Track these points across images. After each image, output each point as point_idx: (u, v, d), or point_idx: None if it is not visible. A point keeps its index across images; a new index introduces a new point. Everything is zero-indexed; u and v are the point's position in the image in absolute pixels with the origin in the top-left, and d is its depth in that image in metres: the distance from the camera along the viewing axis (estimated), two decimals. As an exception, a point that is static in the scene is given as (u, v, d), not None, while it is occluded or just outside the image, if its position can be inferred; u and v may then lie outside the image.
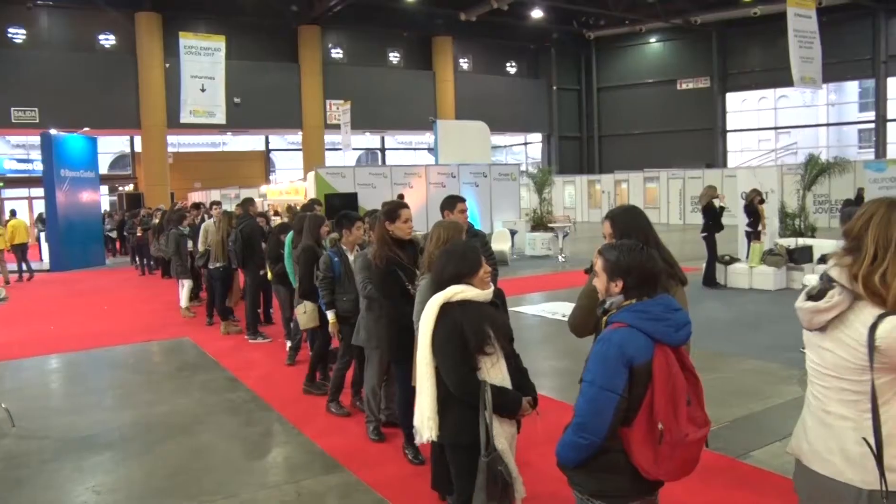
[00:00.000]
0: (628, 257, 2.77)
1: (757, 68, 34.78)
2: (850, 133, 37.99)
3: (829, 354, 2.38)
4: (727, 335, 9.39)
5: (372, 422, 5.82)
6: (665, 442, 2.57)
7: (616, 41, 39.74)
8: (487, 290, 3.36)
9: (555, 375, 7.60)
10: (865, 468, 2.29)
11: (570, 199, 36.14)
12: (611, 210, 3.60)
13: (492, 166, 20.78)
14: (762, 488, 4.79)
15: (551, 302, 12.12)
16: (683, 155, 34.78)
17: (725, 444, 5.47)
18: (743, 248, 13.70)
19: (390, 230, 5.16)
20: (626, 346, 2.59)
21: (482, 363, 3.19)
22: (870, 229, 2.32)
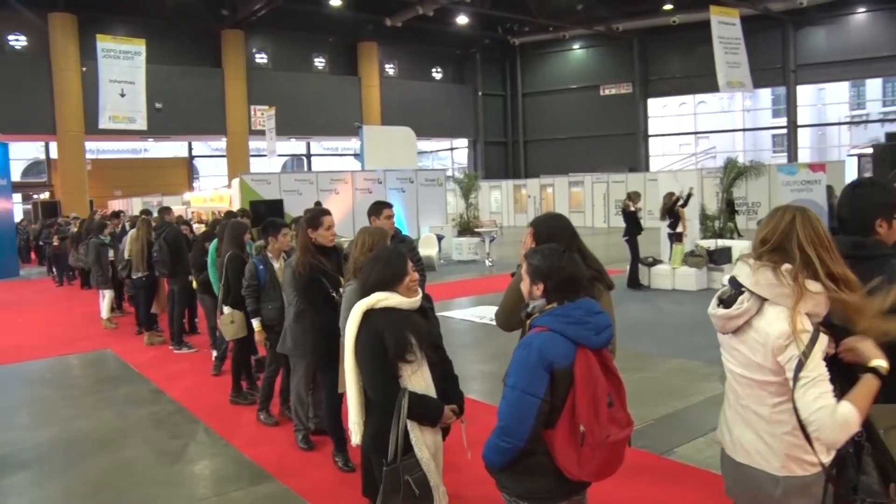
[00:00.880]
0: (548, 261, 2.82)
1: (677, 75, 35.75)
2: (764, 138, 39.40)
3: (740, 355, 2.51)
4: (651, 335, 9.65)
5: (301, 430, 5.78)
6: (587, 444, 2.63)
7: (540, 47, 40.30)
8: (414, 297, 3.38)
9: (483, 379, 7.67)
10: (778, 457, 2.45)
11: (497, 203, 36.46)
12: (535, 218, 3.65)
13: (418, 172, 20.85)
14: (686, 483, 4.94)
15: (479, 306, 12.23)
16: (607, 159, 35.55)
17: (651, 441, 5.62)
18: (665, 250, 14.07)
19: (313, 237, 5.15)
20: (546, 351, 2.64)
21: (403, 371, 3.20)
22: (794, 234, 2.44)
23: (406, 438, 3.18)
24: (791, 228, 2.45)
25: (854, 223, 2.85)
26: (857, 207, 2.86)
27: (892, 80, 32.44)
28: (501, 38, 39.12)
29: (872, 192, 2.91)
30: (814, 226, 2.45)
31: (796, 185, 13.13)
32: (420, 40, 37.02)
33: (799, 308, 2.35)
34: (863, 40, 31.49)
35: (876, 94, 36.43)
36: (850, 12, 31.87)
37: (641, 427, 5.91)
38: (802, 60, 33.52)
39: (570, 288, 2.80)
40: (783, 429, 2.44)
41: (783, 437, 2.45)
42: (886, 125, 29.48)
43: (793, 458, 2.44)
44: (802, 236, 2.43)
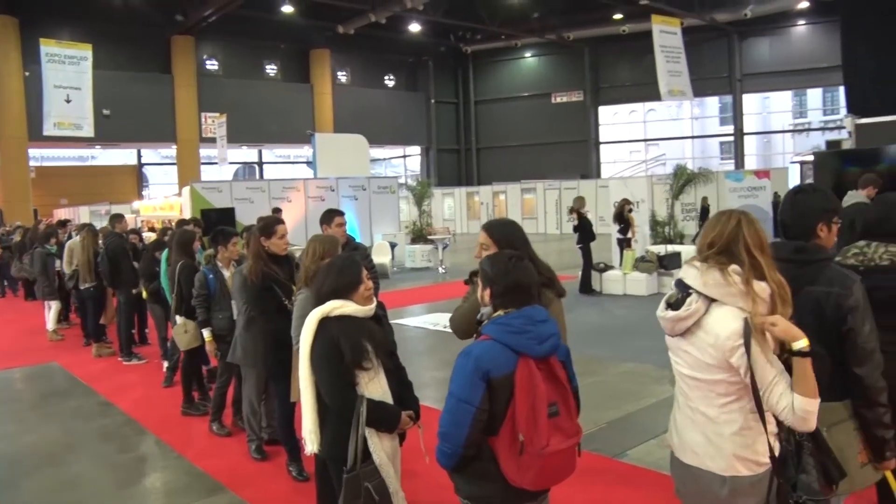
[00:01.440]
0: (495, 267, 2.85)
1: (627, 83, 36.30)
2: (712, 145, 40.19)
3: (689, 357, 2.57)
4: (603, 340, 9.77)
5: (253, 440, 5.72)
6: (526, 452, 2.64)
7: (492, 55, 40.59)
8: (368, 305, 3.39)
9: (437, 385, 7.66)
10: (724, 457, 2.50)
11: (450, 211, 36.56)
12: (488, 222, 3.65)
13: (371, 179, 20.80)
14: (639, 484, 5.02)
15: (433, 313, 12.25)
16: (559, 166, 35.92)
17: (603, 445, 5.68)
18: (616, 256, 14.26)
19: (266, 246, 5.12)
20: (482, 360, 2.66)
21: (360, 378, 3.21)
22: (740, 237, 2.51)
23: (364, 445, 3.18)
24: (737, 232, 2.52)
25: (796, 228, 2.93)
26: (799, 213, 2.95)
27: (832, 90, 33.37)
28: (454, 45, 39.38)
29: (814, 197, 3.00)
30: (757, 229, 2.54)
31: (743, 192, 13.47)
32: (373, 48, 36.98)
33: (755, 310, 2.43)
34: (804, 51, 32.46)
35: (817, 103, 37.48)
36: (792, 24, 32.82)
37: (594, 431, 5.98)
38: (748, 70, 34.39)
39: (515, 295, 2.81)
40: (731, 428, 2.50)
41: (731, 438, 2.50)
42: (827, 133, 30.32)
43: (739, 458, 2.50)
44: (749, 239, 2.51)
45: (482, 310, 2.93)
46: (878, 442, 2.82)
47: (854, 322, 2.69)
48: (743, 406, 2.50)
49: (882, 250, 3.28)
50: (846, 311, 2.69)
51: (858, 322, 2.69)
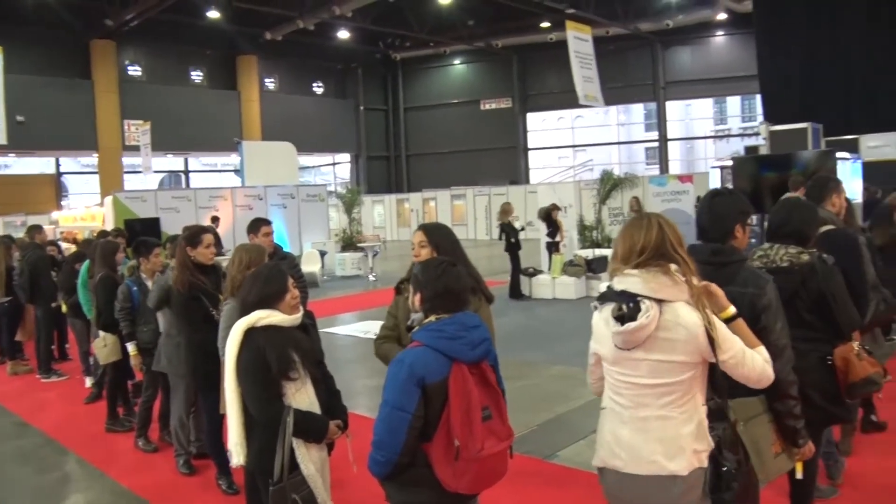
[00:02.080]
0: (426, 273, 2.88)
1: (554, 90, 36.76)
2: (638, 151, 41.08)
3: (647, 364, 2.59)
4: (533, 344, 9.88)
5: (181, 455, 5.61)
6: (461, 457, 2.67)
7: (421, 62, 40.69)
8: (295, 314, 3.36)
9: (369, 394, 7.66)
10: (687, 457, 2.56)
11: (380, 218, 36.47)
12: (425, 223, 3.73)
13: (299, 187, 20.61)
14: (569, 484, 5.10)
15: (363, 321, 12.21)
16: (488, 172, 36.20)
17: (534, 447, 5.76)
18: (545, 261, 14.45)
19: (192, 255, 5.03)
20: (416, 367, 2.69)
21: (287, 389, 3.18)
22: (666, 239, 2.59)
23: (292, 456, 3.16)
24: (663, 234, 2.60)
25: (714, 231, 3.04)
26: (717, 215, 3.06)
27: (749, 98, 34.51)
28: (383, 52, 39.34)
29: (730, 200, 3.12)
30: (675, 229, 2.64)
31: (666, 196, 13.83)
32: (301, 54, 36.65)
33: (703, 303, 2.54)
34: (723, 61, 33.52)
35: (736, 110, 38.70)
36: (711, 34, 33.87)
37: (525, 433, 6.05)
38: (671, 78, 35.31)
39: (445, 300, 2.84)
40: (690, 426, 2.57)
41: (689, 435, 2.57)
42: (746, 139, 31.31)
43: (696, 453, 2.57)
44: (673, 240, 2.60)
45: (412, 315, 2.95)
46: (791, 432, 2.97)
47: (767, 320, 2.81)
48: (696, 400, 2.59)
49: (783, 252, 3.45)
50: (760, 310, 2.81)
51: (771, 320, 2.81)
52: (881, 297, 5.17)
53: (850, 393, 3.57)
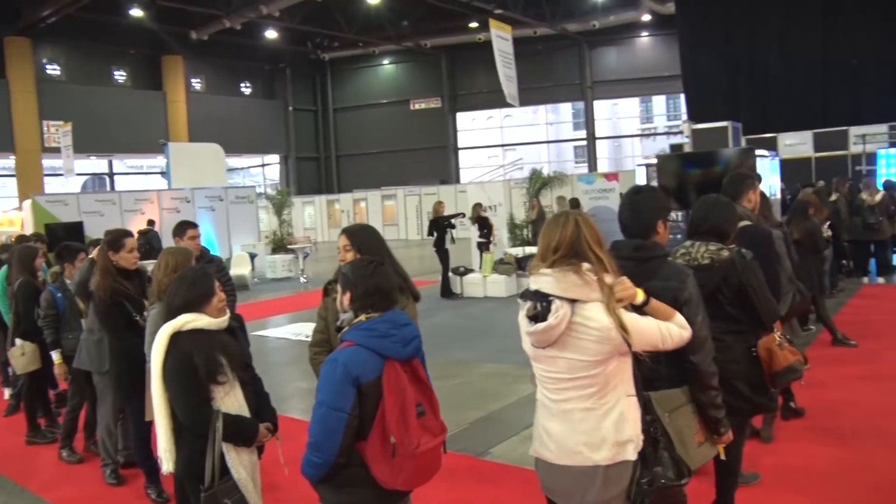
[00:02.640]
0: (355, 273, 2.89)
1: (483, 89, 36.98)
2: (567, 149, 41.59)
3: (565, 361, 2.63)
4: (465, 342, 9.93)
5: (109, 464, 5.45)
6: (398, 454, 2.69)
7: (350, 62, 40.46)
8: (222, 317, 3.32)
9: (301, 396, 7.57)
10: (609, 448, 2.61)
11: (310, 219, 36.15)
12: (348, 226, 3.74)
13: (228, 189, 20.28)
14: (502, 480, 5.14)
15: (295, 323, 12.09)
16: (419, 172, 36.25)
17: (467, 444, 5.79)
18: (476, 259, 14.55)
19: (114, 260, 4.91)
20: (351, 366, 2.69)
21: (215, 393, 3.14)
22: (582, 237, 2.63)
23: (222, 461, 3.12)
24: (578, 232, 2.64)
25: (636, 227, 3.11)
26: (638, 212, 3.13)
27: (674, 97, 35.30)
28: (311, 52, 38.95)
29: (652, 197, 3.20)
30: (592, 227, 2.68)
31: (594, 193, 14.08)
32: (228, 54, 35.99)
33: (613, 303, 2.58)
34: (648, 61, 34.34)
35: (661, 109, 39.56)
36: (636, 35, 34.62)
37: (458, 431, 6.09)
38: (598, 77, 35.95)
39: (375, 299, 2.85)
40: (611, 417, 2.62)
41: (612, 426, 2.62)
42: (671, 137, 32.05)
43: (618, 444, 2.62)
44: (589, 238, 2.64)
45: (342, 315, 2.95)
46: (713, 421, 3.06)
47: (688, 313, 2.88)
48: (618, 392, 2.64)
49: (703, 249, 3.56)
50: (681, 304, 2.89)
51: (692, 313, 2.89)
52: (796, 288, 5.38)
53: (773, 382, 3.72)
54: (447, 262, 13.88)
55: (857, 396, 6.43)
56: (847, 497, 4.53)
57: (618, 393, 2.63)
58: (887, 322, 9.57)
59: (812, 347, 8.19)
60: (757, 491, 4.60)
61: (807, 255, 7.80)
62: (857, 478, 4.75)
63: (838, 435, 5.54)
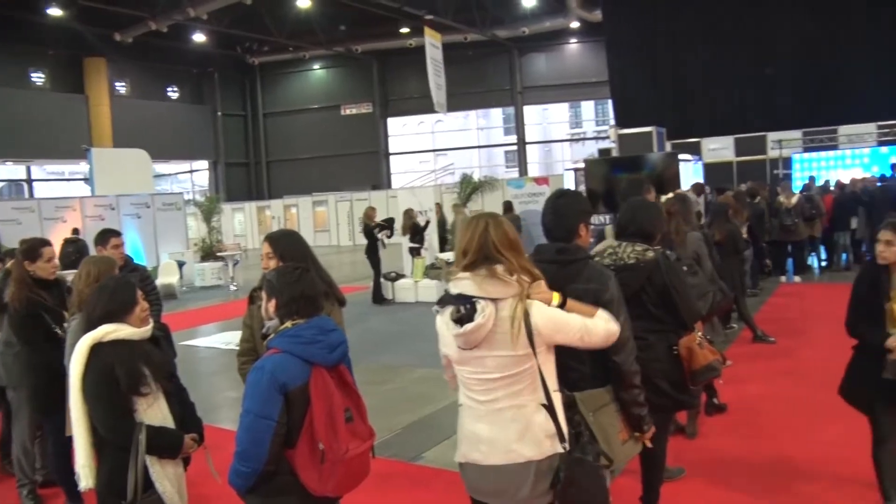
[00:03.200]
0: (281, 279, 2.87)
1: (415, 95, 37.03)
2: (498, 154, 41.95)
3: (492, 360, 2.68)
4: (397, 347, 9.93)
5: (26, 485, 5.23)
6: (327, 460, 2.69)
7: (280, 67, 40.04)
8: (145, 327, 3.25)
9: (231, 406, 7.43)
10: (540, 442, 2.67)
11: (240, 226, 35.60)
12: (270, 233, 3.72)
13: (155, 196, 19.83)
14: (434, 484, 5.16)
15: (225, 332, 11.88)
16: (350, 178, 36.10)
17: (399, 449, 5.80)
18: (408, 265, 14.55)
19: (31, 270, 4.75)
20: (278, 373, 2.68)
21: (138, 405, 3.07)
22: (489, 240, 2.67)
23: (146, 475, 3.05)
24: (486, 235, 2.69)
25: (559, 230, 3.17)
26: (561, 215, 3.19)
27: (603, 103, 35.95)
28: (240, 56, 38.39)
29: (574, 201, 3.27)
30: (503, 230, 2.72)
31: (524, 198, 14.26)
32: (154, 57, 35.15)
33: (529, 300, 2.64)
34: (577, 67, 34.98)
35: (590, 114, 40.27)
36: (565, 42, 35.24)
37: (390, 437, 6.08)
38: (528, 83, 36.42)
39: (304, 306, 2.84)
40: (540, 413, 2.68)
41: (541, 421, 2.67)
42: (600, 142, 32.68)
43: (549, 438, 2.67)
44: (496, 240, 2.68)
45: (267, 323, 2.93)
46: (636, 419, 3.14)
47: (611, 314, 2.95)
48: (545, 387, 2.69)
49: (630, 250, 3.67)
50: (603, 305, 2.95)
51: (614, 314, 2.96)
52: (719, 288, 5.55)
53: (693, 379, 3.83)
54: (378, 268, 13.86)
55: (776, 391, 6.68)
56: (764, 487, 4.70)
57: (545, 388, 2.68)
58: (803, 319, 9.98)
59: (734, 345, 8.47)
60: (681, 485, 4.73)
61: (728, 256, 8.07)
62: (774, 468, 4.95)
63: (758, 428, 5.75)
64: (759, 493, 4.64)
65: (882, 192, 14.05)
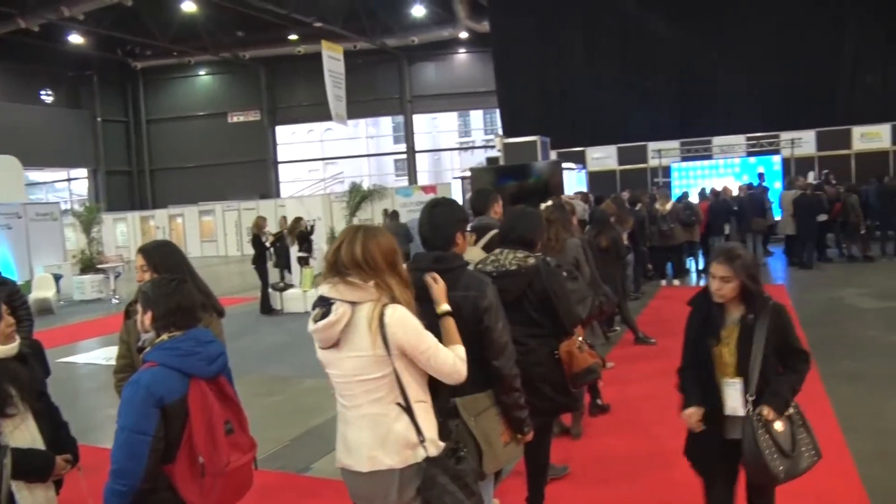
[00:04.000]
0: (156, 291, 2.81)
1: (304, 103, 36.66)
2: (387, 162, 42.02)
3: (349, 361, 2.70)
4: (286, 358, 9.79)
5: None
6: (207, 473, 2.66)
7: (165, 72, 38.80)
8: (10, 344, 3.10)
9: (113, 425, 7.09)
10: (401, 450, 2.68)
11: (123, 237, 34.22)
12: (143, 245, 3.64)
13: (28, 206, 18.79)
14: (323, 495, 5.14)
15: (106, 347, 11.41)
16: (238, 187, 35.30)
17: (287, 461, 5.74)
18: (297, 275, 14.37)
19: None
20: (154, 387, 2.63)
21: (3, 427, 2.92)
22: (339, 259, 2.71)
23: (11, 501, 2.90)
24: (338, 254, 2.73)
25: (436, 239, 3.22)
26: (437, 225, 3.24)
27: (491, 112, 36.52)
28: (121, 60, 36.92)
29: (450, 209, 3.33)
30: (359, 242, 2.73)
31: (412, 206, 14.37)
32: (24, 58, 33.20)
33: (393, 304, 2.67)
34: (465, 76, 35.47)
35: (479, 123, 40.86)
36: (454, 52, 35.67)
37: (278, 448, 6.01)
38: (417, 92, 36.64)
39: (180, 318, 2.80)
40: (402, 421, 2.69)
41: (401, 430, 2.69)
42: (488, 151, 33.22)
43: (410, 447, 2.69)
44: (345, 255, 2.72)
45: (143, 336, 2.87)
46: (517, 421, 3.22)
47: (489, 321, 3.04)
48: (407, 395, 2.71)
49: (511, 256, 3.77)
50: (482, 312, 3.03)
51: (493, 320, 3.04)
52: (603, 292, 5.76)
53: (573, 382, 3.96)
54: (266, 278, 13.64)
55: (656, 390, 6.94)
56: (644, 482, 4.93)
57: (406, 398, 2.71)
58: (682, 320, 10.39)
59: (617, 347, 8.79)
60: (566, 483, 4.90)
61: (611, 261, 8.37)
62: (653, 463, 5.18)
63: (639, 426, 6.00)
64: (637, 484, 4.87)
65: (749, 200, 14.93)
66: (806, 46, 21.51)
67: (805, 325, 9.36)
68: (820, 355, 7.78)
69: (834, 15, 21.47)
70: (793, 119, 20.54)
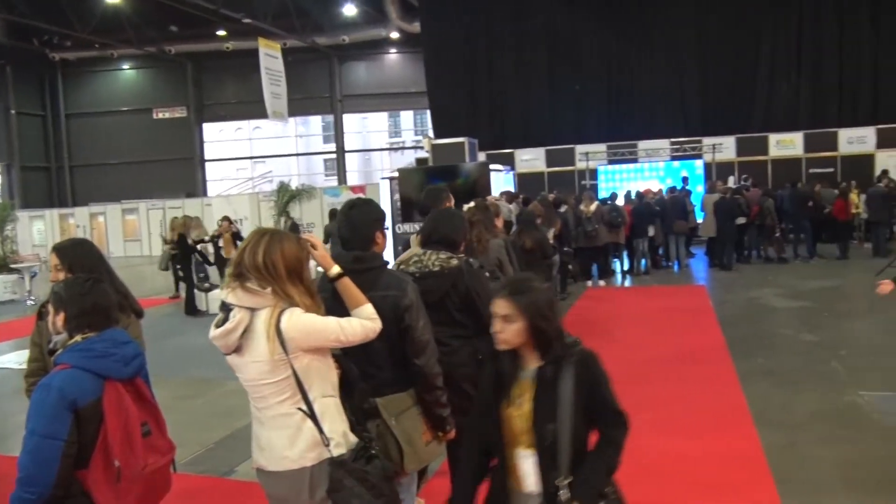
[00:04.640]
0: (70, 291, 2.76)
1: (232, 100, 36.08)
2: (317, 162, 41.67)
3: (252, 366, 2.71)
4: (210, 360, 9.49)
5: None
6: (123, 477, 2.61)
7: (86, 65, 37.52)
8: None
9: (25, 429, 6.95)
10: (310, 448, 2.70)
11: (40, 235, 33.02)
12: (58, 243, 3.56)
13: (-67, 203, 18.06)
14: (247, 497, 5.02)
15: (20, 351, 11.01)
16: (163, 185, 34.42)
17: (212, 465, 5.65)
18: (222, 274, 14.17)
19: None
20: (66, 390, 2.56)
21: None
22: (242, 261, 2.72)
23: None
24: (241, 256, 2.74)
25: (355, 240, 3.24)
26: (355, 225, 3.26)
27: (421, 113, 36.57)
28: (38, 50, 35.52)
29: (367, 210, 3.35)
30: (273, 243, 2.74)
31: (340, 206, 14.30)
32: (-73, 45, 31.74)
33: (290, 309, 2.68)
34: (396, 77, 35.44)
35: (409, 124, 40.89)
36: (384, 52, 35.59)
37: (202, 452, 5.92)
38: (347, 91, 36.42)
39: (95, 318, 2.74)
40: (310, 421, 2.69)
41: (311, 428, 2.69)
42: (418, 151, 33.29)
43: (319, 444, 2.70)
44: (248, 261, 2.72)
45: (54, 337, 2.79)
46: (439, 420, 3.26)
47: (410, 319, 3.07)
48: (313, 394, 2.72)
49: (434, 257, 3.80)
50: (402, 311, 3.05)
51: (414, 319, 3.07)
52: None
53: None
54: (191, 279, 13.39)
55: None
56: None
57: (313, 395, 2.72)
58: (606, 320, 10.71)
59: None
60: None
61: (536, 262, 8.48)
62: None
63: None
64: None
65: (672, 203, 15.35)
66: (727, 55, 22.39)
67: (725, 324, 9.78)
68: (738, 353, 8.17)
69: (751, 26, 22.32)
70: (715, 125, 21.25)
